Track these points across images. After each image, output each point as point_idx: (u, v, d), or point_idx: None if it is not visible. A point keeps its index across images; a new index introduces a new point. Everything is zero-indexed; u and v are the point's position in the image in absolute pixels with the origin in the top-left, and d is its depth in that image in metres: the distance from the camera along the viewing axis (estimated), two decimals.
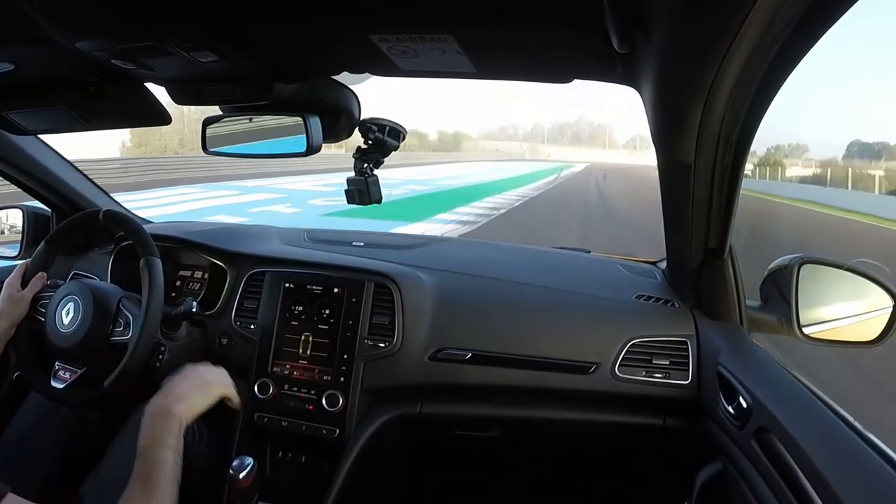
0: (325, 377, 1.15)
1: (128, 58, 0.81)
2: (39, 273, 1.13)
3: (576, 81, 0.86)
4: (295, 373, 1.17)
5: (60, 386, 1.05)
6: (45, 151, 1.35)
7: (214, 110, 1.02)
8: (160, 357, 1.10)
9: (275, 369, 1.18)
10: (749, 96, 0.67)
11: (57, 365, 1.07)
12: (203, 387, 0.87)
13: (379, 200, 1.06)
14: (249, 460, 0.93)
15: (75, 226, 1.18)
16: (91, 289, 1.07)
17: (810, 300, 0.99)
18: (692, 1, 0.50)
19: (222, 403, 0.98)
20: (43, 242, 1.16)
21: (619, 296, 1.18)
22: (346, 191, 1.07)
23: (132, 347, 1.01)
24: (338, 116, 1.01)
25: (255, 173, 17.50)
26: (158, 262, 1.07)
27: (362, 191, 1.05)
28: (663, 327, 1.09)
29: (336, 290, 1.19)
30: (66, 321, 1.04)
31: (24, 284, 1.11)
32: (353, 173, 1.07)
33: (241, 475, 0.91)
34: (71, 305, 1.05)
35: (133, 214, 1.47)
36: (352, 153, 1.06)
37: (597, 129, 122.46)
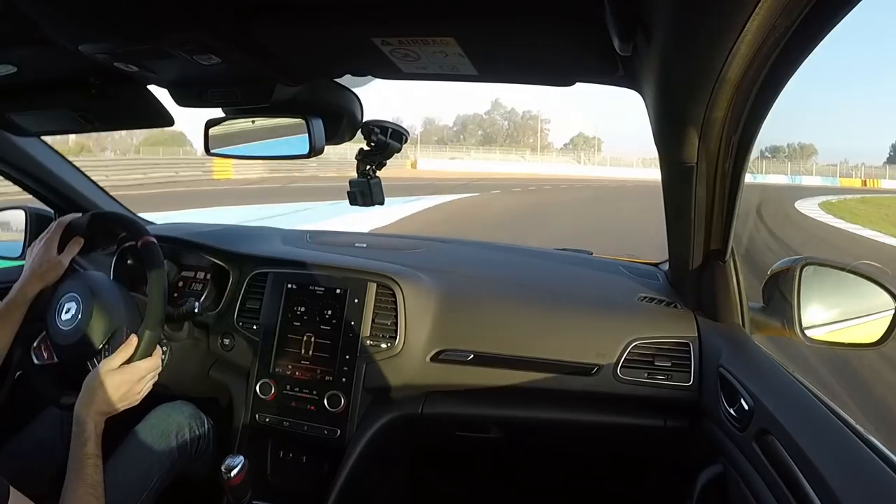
0: (326, 377, 1.16)
1: (130, 60, 0.81)
2: (75, 237, 1.09)
3: None
4: (297, 373, 1.17)
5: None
6: (47, 152, 1.36)
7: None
8: (162, 358, 1.11)
9: (277, 369, 1.19)
10: (751, 98, 0.67)
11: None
12: (110, 387, 0.88)
13: (381, 202, 1.06)
14: (240, 458, 0.94)
15: (113, 223, 1.17)
16: (93, 289, 1.07)
17: (812, 302, 0.99)
18: (694, 3, 0.50)
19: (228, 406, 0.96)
20: (90, 214, 1.14)
21: (621, 297, 1.18)
22: (348, 192, 1.07)
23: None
24: (340, 118, 1.01)
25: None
26: (163, 272, 1.06)
27: (364, 192, 1.05)
28: (665, 329, 1.09)
29: (338, 290, 1.19)
30: (65, 319, 1.04)
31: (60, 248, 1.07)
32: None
33: (232, 473, 0.92)
34: (73, 304, 1.05)
35: (137, 217, 1.48)
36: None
37: (520, 122, 71.84)
